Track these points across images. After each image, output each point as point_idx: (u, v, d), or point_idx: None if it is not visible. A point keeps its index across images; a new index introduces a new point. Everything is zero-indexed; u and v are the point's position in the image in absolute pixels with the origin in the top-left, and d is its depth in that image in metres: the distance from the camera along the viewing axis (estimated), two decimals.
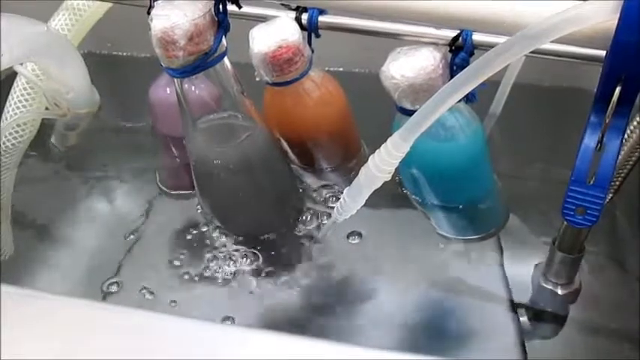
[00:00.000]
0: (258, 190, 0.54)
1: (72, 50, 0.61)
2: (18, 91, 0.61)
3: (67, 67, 0.60)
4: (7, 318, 0.34)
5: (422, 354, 0.43)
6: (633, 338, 0.49)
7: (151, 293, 0.52)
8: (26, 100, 0.61)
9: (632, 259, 0.55)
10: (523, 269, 0.53)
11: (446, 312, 0.51)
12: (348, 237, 0.55)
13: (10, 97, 0.62)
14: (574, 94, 0.72)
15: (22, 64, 0.60)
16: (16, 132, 0.62)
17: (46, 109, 0.63)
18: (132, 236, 0.57)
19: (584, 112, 0.39)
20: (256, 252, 0.55)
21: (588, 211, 0.36)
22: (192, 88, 0.46)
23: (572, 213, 0.36)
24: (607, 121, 0.35)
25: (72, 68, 0.61)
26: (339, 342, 0.46)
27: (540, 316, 0.51)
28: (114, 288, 0.53)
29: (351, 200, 0.43)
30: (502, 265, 0.54)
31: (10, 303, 0.35)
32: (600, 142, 0.35)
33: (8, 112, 0.61)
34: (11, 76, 0.61)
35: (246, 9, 0.47)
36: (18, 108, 0.61)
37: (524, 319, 0.50)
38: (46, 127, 0.65)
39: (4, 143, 0.62)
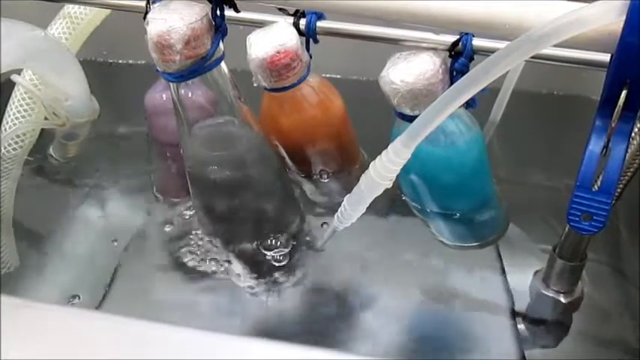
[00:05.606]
0: (254, 197, 0.54)
1: (69, 57, 0.61)
2: (17, 101, 0.62)
3: (64, 73, 0.60)
4: (4, 328, 0.34)
5: None
6: (633, 347, 0.49)
7: (147, 301, 0.52)
8: (25, 111, 0.62)
9: (633, 266, 0.54)
10: (523, 277, 0.53)
11: (445, 320, 0.51)
12: (346, 245, 0.55)
13: (8, 107, 0.62)
14: (573, 102, 0.72)
15: (19, 73, 0.60)
16: (16, 142, 0.63)
17: (45, 119, 0.63)
18: (129, 244, 0.57)
19: (584, 119, 0.39)
20: (252, 259, 0.54)
21: (594, 217, 0.35)
22: (189, 93, 0.46)
23: (577, 219, 0.36)
24: (613, 125, 0.34)
25: (70, 75, 0.61)
26: (337, 350, 0.46)
27: (540, 325, 0.51)
28: (110, 296, 0.52)
29: (352, 208, 0.43)
30: (502, 273, 0.53)
31: (7, 313, 0.35)
32: (606, 147, 0.35)
33: (7, 122, 0.62)
34: (8, 85, 0.61)
35: (243, 14, 0.47)
36: (17, 118, 0.62)
37: (523, 327, 0.50)
38: (43, 137, 0.66)
39: (3, 154, 0.62)
